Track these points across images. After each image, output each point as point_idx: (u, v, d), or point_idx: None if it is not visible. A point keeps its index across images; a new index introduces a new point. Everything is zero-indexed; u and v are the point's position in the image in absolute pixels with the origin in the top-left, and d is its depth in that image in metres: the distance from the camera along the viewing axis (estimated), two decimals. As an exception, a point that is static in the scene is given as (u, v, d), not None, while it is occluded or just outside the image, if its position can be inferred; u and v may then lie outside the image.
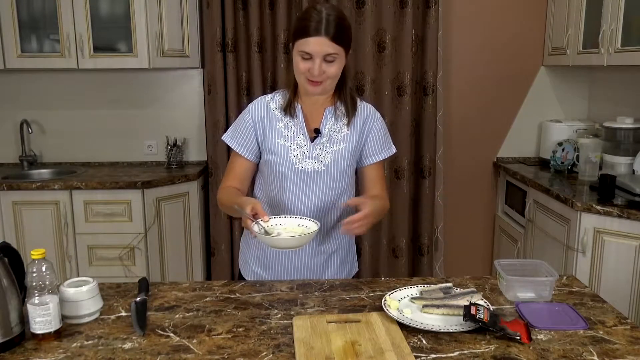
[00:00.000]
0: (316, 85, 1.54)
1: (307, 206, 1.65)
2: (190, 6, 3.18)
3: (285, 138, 1.63)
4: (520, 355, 1.15)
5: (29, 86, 3.42)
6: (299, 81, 1.58)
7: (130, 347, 1.20)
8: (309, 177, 1.63)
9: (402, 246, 3.41)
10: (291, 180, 1.63)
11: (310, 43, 1.48)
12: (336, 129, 1.64)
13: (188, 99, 3.47)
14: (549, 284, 1.43)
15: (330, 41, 1.48)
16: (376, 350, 1.17)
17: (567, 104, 3.46)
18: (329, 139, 1.64)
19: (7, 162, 3.49)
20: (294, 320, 1.31)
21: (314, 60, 1.49)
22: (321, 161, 1.63)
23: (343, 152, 1.64)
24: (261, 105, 1.66)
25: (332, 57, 1.50)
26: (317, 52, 1.48)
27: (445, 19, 3.31)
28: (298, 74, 1.55)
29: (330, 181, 1.65)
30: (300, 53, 1.50)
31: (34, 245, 2.88)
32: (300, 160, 1.62)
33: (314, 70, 1.50)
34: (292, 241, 1.43)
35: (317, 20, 1.47)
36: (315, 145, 1.63)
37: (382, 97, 3.28)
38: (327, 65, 1.51)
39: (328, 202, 1.67)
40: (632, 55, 2.47)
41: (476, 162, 3.55)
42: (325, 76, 1.52)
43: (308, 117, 1.65)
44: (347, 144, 1.65)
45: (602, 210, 2.33)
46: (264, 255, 1.74)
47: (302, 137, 1.63)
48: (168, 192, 3.09)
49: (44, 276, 1.20)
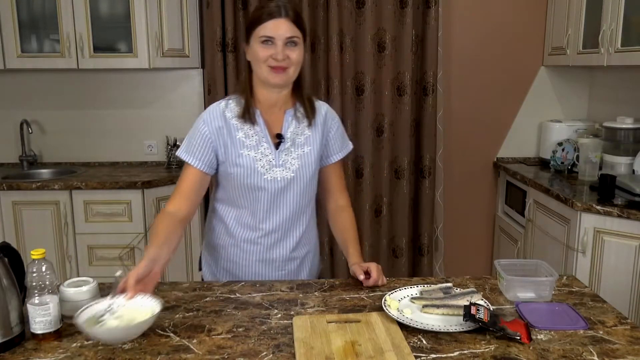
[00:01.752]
0: (280, 71, 1.47)
1: (280, 215, 1.61)
2: (190, 6, 3.18)
3: (249, 148, 1.54)
4: (520, 355, 1.15)
5: (29, 86, 3.42)
6: (260, 73, 1.49)
7: (130, 347, 1.20)
8: (279, 186, 1.57)
9: (402, 246, 3.41)
10: (262, 192, 1.57)
11: (274, 26, 1.45)
12: (298, 132, 1.59)
13: (188, 99, 3.47)
14: (549, 284, 1.43)
15: (291, 23, 1.47)
16: (376, 350, 1.16)
17: (567, 104, 3.46)
18: (293, 143, 1.58)
19: (7, 162, 3.49)
20: (294, 320, 1.31)
21: (275, 44, 1.46)
22: (289, 168, 1.57)
23: (309, 156, 1.60)
24: (216, 114, 1.54)
25: (294, 41, 1.48)
26: (280, 34, 1.45)
27: (445, 19, 3.31)
28: (259, 64, 1.48)
29: (301, 186, 1.61)
30: (261, 39, 1.46)
31: (34, 245, 2.88)
32: (268, 170, 1.55)
33: (277, 54, 1.45)
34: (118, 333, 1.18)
35: (274, 5, 1.47)
36: (281, 152, 1.57)
37: (382, 97, 3.28)
38: (289, 50, 1.47)
39: (300, 208, 1.64)
40: (632, 55, 2.46)
41: (476, 162, 3.55)
42: (289, 61, 1.47)
43: (268, 122, 1.57)
44: (311, 146, 1.61)
45: (602, 210, 2.33)
46: (236, 266, 1.67)
47: (266, 144, 1.55)
48: (168, 192, 3.09)
49: (44, 276, 1.20)
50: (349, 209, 1.74)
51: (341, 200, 1.74)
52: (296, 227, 1.66)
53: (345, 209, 1.73)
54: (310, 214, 1.70)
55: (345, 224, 1.71)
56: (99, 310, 1.21)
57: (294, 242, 1.67)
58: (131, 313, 1.21)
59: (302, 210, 1.65)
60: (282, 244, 1.66)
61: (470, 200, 3.58)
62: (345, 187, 1.76)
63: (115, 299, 1.23)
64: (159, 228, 1.46)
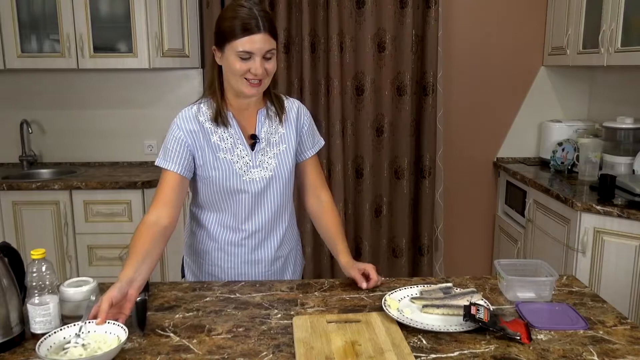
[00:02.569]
0: (256, 86, 1.45)
1: (262, 216, 1.60)
2: (190, 6, 3.18)
3: (225, 151, 1.53)
4: (520, 355, 1.15)
5: (29, 86, 3.42)
6: (234, 84, 1.47)
7: (130, 347, 1.20)
8: (258, 187, 1.57)
9: (402, 246, 3.41)
10: (242, 194, 1.56)
11: (252, 41, 1.40)
12: (272, 131, 1.59)
13: (188, 99, 3.43)
14: (549, 284, 1.43)
15: (268, 35, 1.43)
16: (376, 350, 1.17)
17: (567, 104, 3.46)
18: (268, 143, 1.58)
19: (7, 162, 3.49)
20: (294, 320, 1.31)
21: (254, 59, 1.42)
22: (266, 167, 1.57)
23: (285, 153, 1.59)
24: (189, 118, 1.53)
25: (271, 54, 1.45)
26: (260, 49, 1.41)
27: (445, 19, 3.31)
28: (235, 77, 1.44)
29: (280, 185, 1.60)
30: (240, 53, 1.41)
31: (34, 245, 2.88)
32: (246, 172, 1.55)
33: (256, 69, 1.42)
34: None
35: (251, 16, 1.40)
36: (257, 153, 1.56)
37: (382, 97, 3.28)
38: (266, 62, 1.44)
39: (281, 206, 1.63)
40: (632, 55, 2.46)
41: (476, 162, 3.55)
42: (265, 74, 1.45)
43: (242, 123, 1.56)
44: (286, 144, 1.60)
45: (602, 210, 2.33)
46: (220, 270, 1.66)
47: (242, 146, 1.55)
48: (168, 192, 3.08)
49: (44, 276, 1.20)
50: (332, 205, 1.70)
51: (323, 196, 1.70)
52: (279, 225, 1.65)
53: (328, 205, 1.69)
54: (291, 211, 1.70)
55: (330, 221, 1.68)
56: (67, 335, 1.18)
57: (278, 241, 1.66)
58: (98, 341, 1.17)
59: (284, 209, 1.65)
60: (267, 244, 1.65)
61: (470, 200, 3.58)
62: (324, 181, 1.72)
63: (86, 323, 1.20)
64: (138, 243, 1.41)
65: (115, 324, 1.21)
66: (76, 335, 1.17)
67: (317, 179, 1.70)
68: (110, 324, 1.21)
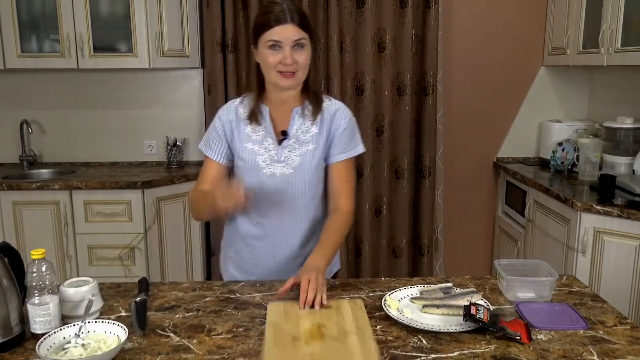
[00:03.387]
0: (289, 77, 1.50)
1: (282, 212, 1.62)
2: (190, 6, 3.18)
3: (254, 142, 1.60)
4: (520, 355, 1.15)
5: (29, 86, 3.42)
6: (269, 77, 1.54)
7: (130, 347, 1.20)
8: (277, 182, 1.59)
9: (402, 246, 3.41)
10: (262, 186, 1.59)
11: (280, 31, 1.47)
12: (304, 130, 1.60)
13: (188, 99, 3.47)
14: (549, 284, 1.43)
15: (299, 27, 1.48)
16: (340, 332, 1.22)
17: (567, 104, 3.46)
18: (297, 141, 1.60)
19: (7, 162, 3.49)
20: (269, 306, 1.36)
21: (283, 49, 1.48)
22: (289, 164, 1.59)
23: (311, 153, 1.60)
24: (230, 109, 1.65)
25: (301, 43, 1.49)
26: (287, 38, 1.47)
27: (445, 19, 3.31)
28: (268, 70, 1.51)
29: (301, 184, 1.61)
30: (269, 43, 1.48)
31: (34, 245, 2.88)
32: (269, 165, 1.59)
33: (286, 59, 1.47)
34: None
35: (279, 10, 1.48)
36: (283, 148, 1.59)
37: (382, 97, 3.28)
38: (297, 53, 1.49)
39: (301, 205, 1.63)
40: (632, 55, 2.46)
41: (476, 162, 3.55)
42: (297, 66, 1.50)
43: (276, 119, 1.61)
44: (315, 144, 1.60)
45: (602, 210, 2.33)
46: (241, 260, 1.73)
47: (270, 140, 1.59)
48: (168, 192, 3.09)
49: (44, 276, 1.20)
50: (344, 213, 1.62)
51: (341, 203, 1.63)
52: (301, 224, 1.66)
53: (339, 211, 1.62)
54: (316, 211, 1.67)
55: (329, 224, 1.60)
56: (67, 335, 1.18)
57: (300, 238, 1.66)
58: (98, 341, 1.18)
59: (305, 208, 1.65)
60: (287, 241, 1.66)
61: (470, 200, 3.58)
62: (349, 189, 1.64)
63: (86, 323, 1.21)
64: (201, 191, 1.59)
65: (116, 324, 1.21)
66: (76, 335, 1.17)
67: (339, 185, 1.63)
68: (110, 324, 1.21)
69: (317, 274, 1.40)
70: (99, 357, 1.10)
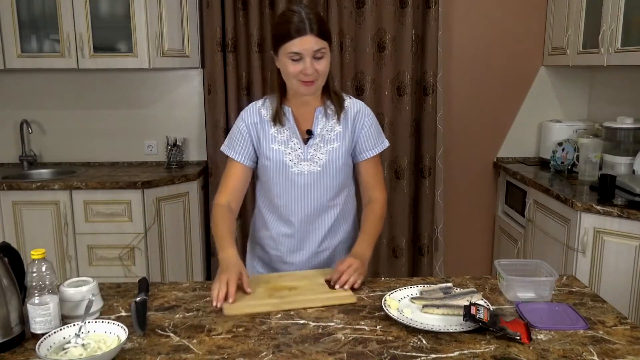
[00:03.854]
0: (310, 85, 1.55)
1: (306, 207, 1.68)
2: (190, 6, 3.18)
3: (280, 143, 1.64)
4: (520, 355, 1.15)
5: (29, 86, 3.42)
6: (290, 85, 1.58)
7: (130, 347, 1.20)
8: (306, 180, 1.65)
9: (402, 246, 3.41)
10: (289, 184, 1.66)
11: (301, 43, 1.49)
12: (328, 128, 1.66)
13: (188, 99, 3.47)
14: (549, 284, 1.43)
15: (319, 37, 1.51)
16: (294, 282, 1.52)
17: (567, 104, 3.46)
18: (322, 139, 1.65)
19: (7, 162, 3.49)
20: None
21: (304, 59, 1.51)
22: (316, 162, 1.65)
23: (337, 151, 1.66)
24: (253, 111, 1.68)
25: (321, 53, 1.53)
26: (307, 50, 1.50)
27: (445, 19, 3.31)
28: (289, 78, 1.55)
29: (328, 181, 1.67)
30: (290, 55, 1.51)
31: (34, 245, 2.88)
32: (296, 164, 1.64)
33: (306, 69, 1.51)
34: None
35: (299, 20, 1.50)
36: (309, 147, 1.64)
37: (382, 97, 3.28)
38: (317, 62, 1.53)
39: (327, 201, 1.69)
40: (632, 55, 2.46)
41: (476, 162, 3.55)
42: (317, 74, 1.54)
43: (299, 119, 1.66)
44: (340, 142, 1.66)
45: (602, 210, 2.33)
46: (268, 257, 1.78)
47: (296, 140, 1.64)
48: (168, 192, 3.09)
49: (44, 276, 1.20)
50: (380, 204, 1.71)
51: (375, 195, 1.72)
52: (325, 219, 1.71)
53: (375, 203, 1.71)
54: (341, 206, 1.72)
55: (365, 216, 1.70)
56: (67, 335, 1.18)
57: (324, 234, 1.72)
58: (98, 341, 1.18)
59: (331, 203, 1.70)
60: (313, 237, 1.72)
61: (470, 200, 3.58)
62: (381, 181, 1.75)
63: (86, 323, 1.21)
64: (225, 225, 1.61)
65: (116, 324, 1.21)
66: (76, 335, 1.18)
67: (372, 180, 1.72)
68: (110, 324, 1.21)
69: (362, 263, 1.53)
70: (99, 357, 1.10)
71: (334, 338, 1.23)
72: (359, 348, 1.19)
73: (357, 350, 1.18)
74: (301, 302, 1.40)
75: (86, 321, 1.21)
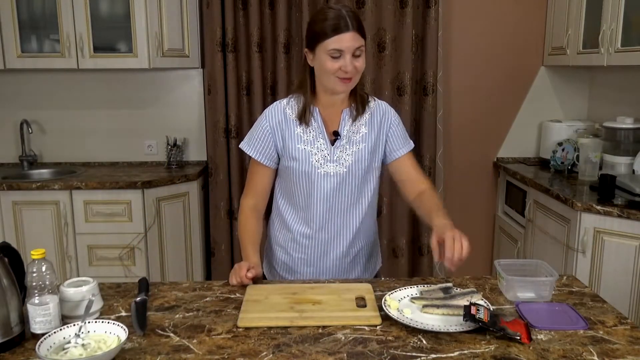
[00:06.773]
0: (347, 82, 1.54)
1: (332, 208, 1.67)
2: (190, 6, 3.18)
3: (305, 143, 1.63)
4: (520, 355, 1.15)
5: (29, 86, 3.42)
6: (327, 82, 1.56)
7: (130, 347, 1.20)
8: (332, 180, 1.64)
9: (402, 246, 3.41)
10: (315, 185, 1.64)
11: (342, 40, 1.49)
12: (354, 130, 1.65)
13: (188, 99, 3.47)
14: (549, 284, 1.43)
15: (358, 34, 1.51)
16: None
17: (567, 104, 3.46)
18: (349, 141, 1.64)
19: (7, 162, 3.49)
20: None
21: (344, 56, 1.50)
22: (342, 163, 1.64)
23: (363, 152, 1.65)
24: (278, 110, 1.65)
25: (360, 51, 1.53)
26: (348, 47, 1.50)
27: (445, 19, 3.31)
28: (327, 75, 1.53)
29: (354, 182, 1.66)
30: (330, 52, 1.50)
31: (34, 245, 2.89)
32: (322, 164, 1.63)
33: (346, 66, 1.50)
34: None
35: (340, 16, 1.50)
36: (336, 148, 1.63)
37: (382, 97, 3.26)
38: (355, 59, 1.53)
39: (352, 203, 1.68)
40: (632, 55, 2.46)
41: (476, 162, 3.55)
42: (355, 71, 1.54)
43: (326, 120, 1.65)
44: (366, 143, 1.66)
45: (602, 210, 2.33)
46: (291, 259, 1.75)
47: (322, 140, 1.63)
48: (168, 192, 3.09)
49: (44, 276, 1.20)
50: (432, 190, 1.69)
51: (421, 185, 1.70)
52: (351, 222, 1.70)
53: (428, 190, 1.68)
54: (366, 210, 1.71)
55: (427, 199, 1.64)
56: (67, 335, 1.18)
57: (350, 236, 1.71)
58: (98, 341, 1.17)
59: (356, 205, 1.69)
60: (339, 239, 1.70)
61: (470, 200, 3.58)
62: (421, 173, 1.73)
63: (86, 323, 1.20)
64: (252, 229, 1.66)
65: (116, 323, 1.21)
66: (76, 335, 1.17)
67: (415, 173, 1.72)
68: (111, 324, 1.21)
69: (455, 230, 1.48)
70: (99, 357, 1.10)
71: (334, 338, 1.23)
72: (359, 348, 1.19)
73: (357, 350, 1.18)
74: (320, 319, 1.31)
75: (86, 321, 1.21)
